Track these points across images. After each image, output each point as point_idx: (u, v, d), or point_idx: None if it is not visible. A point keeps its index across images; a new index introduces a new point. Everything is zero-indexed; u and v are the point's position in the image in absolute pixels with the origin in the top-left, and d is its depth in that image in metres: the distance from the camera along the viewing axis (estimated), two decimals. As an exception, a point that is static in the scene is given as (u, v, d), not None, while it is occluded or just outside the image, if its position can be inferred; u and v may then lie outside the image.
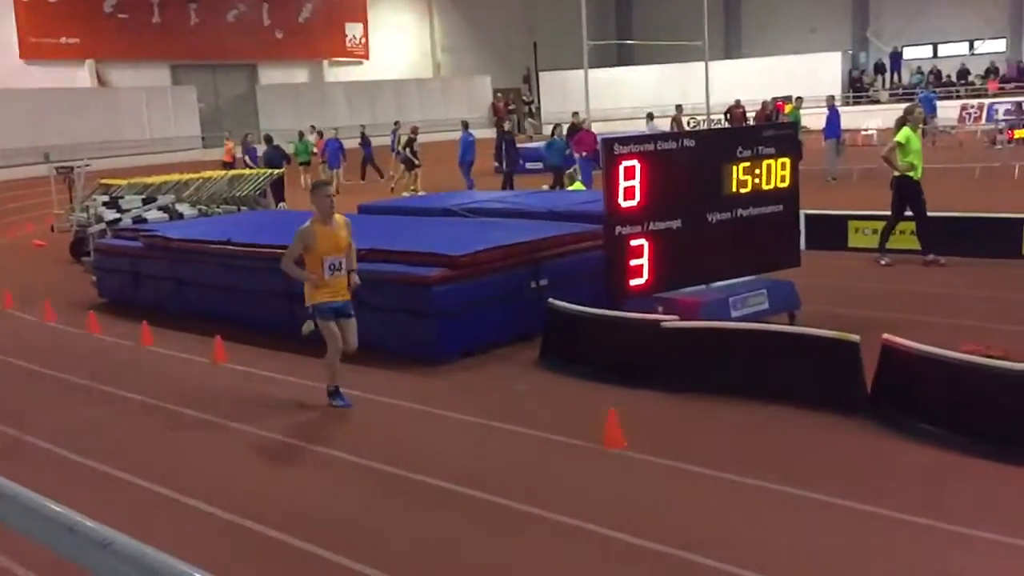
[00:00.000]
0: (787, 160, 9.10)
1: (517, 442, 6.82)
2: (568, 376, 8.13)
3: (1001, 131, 26.29)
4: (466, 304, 8.90)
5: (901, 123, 12.14)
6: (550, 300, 8.73)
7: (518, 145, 26.41)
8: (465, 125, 25.18)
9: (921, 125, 12.57)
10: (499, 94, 47.77)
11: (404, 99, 43.90)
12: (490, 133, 45.66)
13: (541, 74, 46.28)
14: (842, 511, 5.34)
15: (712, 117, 27.80)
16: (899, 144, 11.88)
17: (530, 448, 6.70)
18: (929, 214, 12.03)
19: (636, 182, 8.22)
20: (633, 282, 8.32)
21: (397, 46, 47.04)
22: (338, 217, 7.60)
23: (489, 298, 9.06)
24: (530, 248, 9.50)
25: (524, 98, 49.84)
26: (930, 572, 4.66)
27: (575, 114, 25.37)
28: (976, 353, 6.71)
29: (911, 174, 11.86)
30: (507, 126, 27.33)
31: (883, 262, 12.10)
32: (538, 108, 47.21)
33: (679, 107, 28.73)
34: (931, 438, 6.17)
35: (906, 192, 11.94)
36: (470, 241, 9.39)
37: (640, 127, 27.76)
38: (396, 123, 29.94)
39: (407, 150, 24.73)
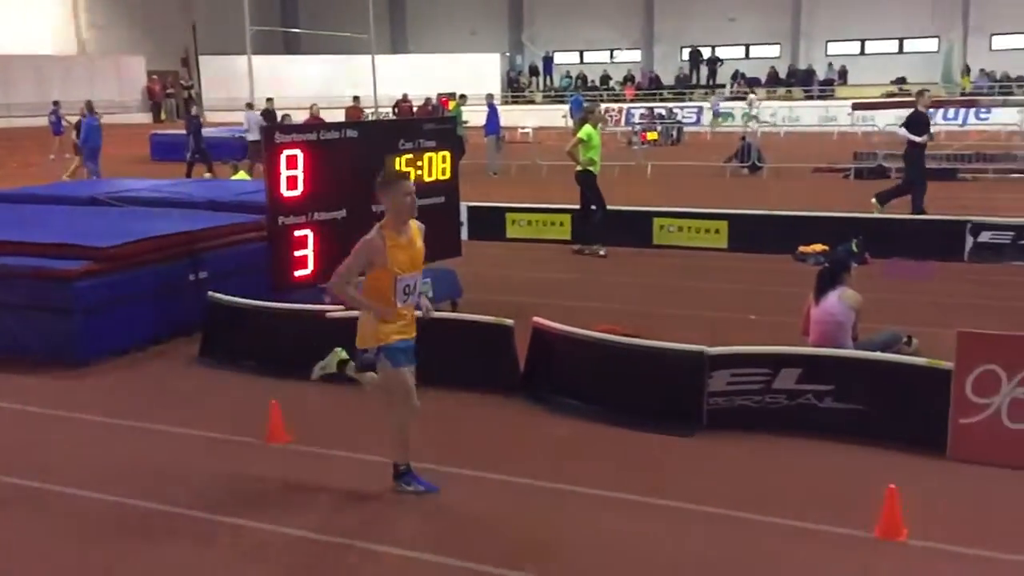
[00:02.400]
0: (447, 153, 9.42)
1: (170, 442, 6.45)
2: (232, 371, 7.86)
3: (636, 133, 29.16)
4: (115, 300, 8.26)
5: (582, 121, 13.22)
6: (211, 293, 8.37)
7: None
8: (90, 108, 22.76)
9: (600, 125, 13.73)
10: (154, 76, 44.75)
11: (44, 78, 39.63)
12: (144, 118, 42.49)
13: (202, 58, 44.04)
14: (494, 483, 5.66)
15: (381, 110, 28.14)
16: (581, 141, 12.85)
17: (186, 447, 6.37)
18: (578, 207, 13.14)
19: (299, 171, 8.09)
20: (298, 273, 8.19)
21: (34, 18, 42.36)
22: (412, 222, 5.45)
23: (142, 293, 8.50)
24: (188, 239, 9.02)
25: (183, 82, 47.13)
26: (574, 532, 5.08)
27: (269, 100, 24.53)
28: (610, 332, 7.40)
29: (591, 168, 12.86)
30: (195, 110, 25.60)
31: (601, 253, 12.85)
32: (199, 93, 44.87)
33: (356, 98, 28.73)
34: (576, 412, 6.72)
35: (584, 183, 12.97)
36: (119, 232, 8.73)
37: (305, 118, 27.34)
38: (55, 103, 26.91)
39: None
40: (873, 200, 14.56)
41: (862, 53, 42.00)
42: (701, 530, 5.07)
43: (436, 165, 9.28)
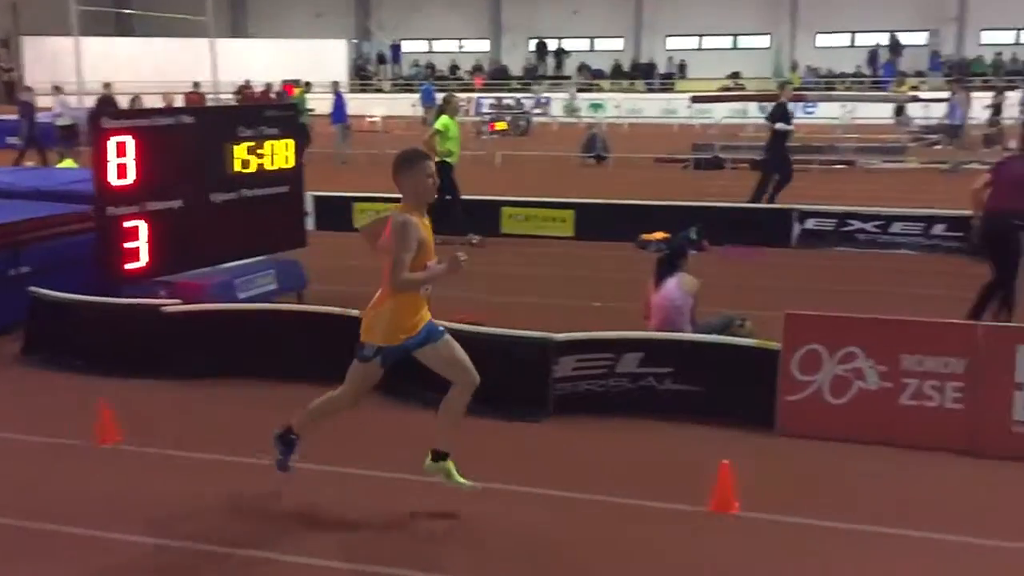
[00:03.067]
0: (290, 141, 9.19)
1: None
2: (58, 370, 7.40)
3: (485, 123, 29.33)
4: (-81, 296, 7.64)
5: (440, 112, 13.12)
6: (33, 288, 7.85)
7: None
8: None
9: (457, 115, 13.65)
10: (-30, 57, 41.66)
11: None
12: (-42, 102, 39.30)
13: (24, 39, 41.20)
14: (359, 479, 5.57)
15: (223, 97, 27.12)
16: (439, 131, 12.74)
17: (8, 452, 5.96)
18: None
19: (129, 159, 7.69)
20: (129, 266, 7.80)
21: None
22: None
23: (-47, 288, 7.89)
24: (6, 231, 8.43)
25: (2, 65, 43.99)
26: (415, 520, 5.06)
27: (107, 84, 23.16)
28: (463, 321, 7.41)
29: (449, 159, 12.76)
30: (26, 95, 23.80)
31: (474, 241, 12.72)
32: (20, 76, 41.95)
33: (196, 84, 27.58)
34: (426, 402, 6.67)
35: (442, 176, 12.84)
36: (-74, 223, 8.07)
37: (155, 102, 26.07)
38: None
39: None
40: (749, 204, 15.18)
41: (700, 48, 43.69)
42: (543, 512, 5.16)
43: (279, 153, 9.03)
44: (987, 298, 8.08)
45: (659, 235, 12.48)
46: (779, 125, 15.33)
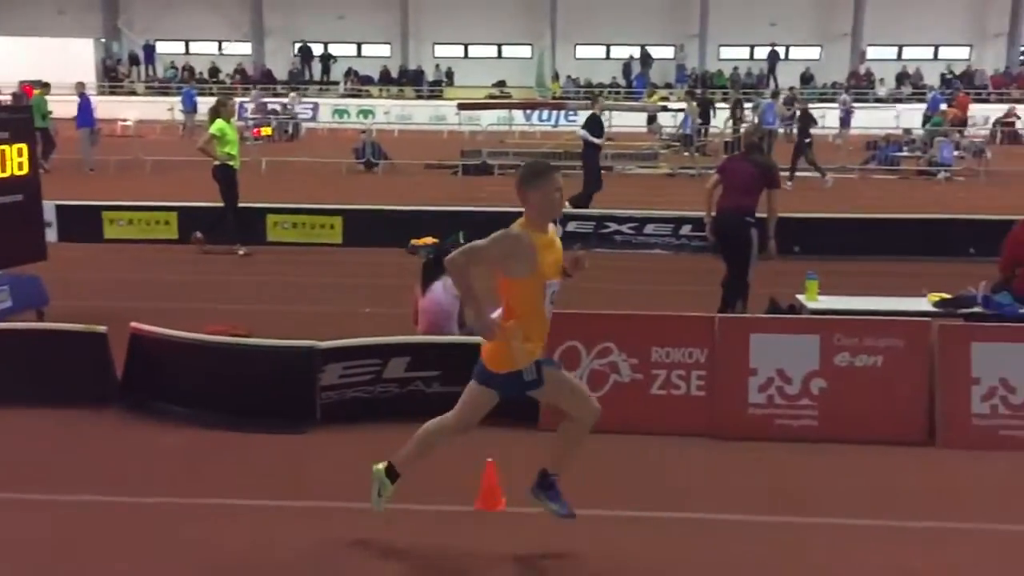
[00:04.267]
0: (24, 146, 8.46)
1: None
2: None
3: (249, 128, 28.35)
4: None
5: (215, 115, 12.43)
6: None
7: None
8: None
9: (233, 118, 13.03)
10: None
11: None
12: None
13: None
14: (99, 506, 5.20)
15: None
16: (215, 136, 12.17)
17: None
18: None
19: None
20: None
21: None
22: None
23: None
24: None
25: None
26: (179, 547, 4.80)
27: None
28: (221, 333, 7.13)
29: (231, 163, 12.23)
30: None
31: (241, 252, 12.23)
32: None
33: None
34: (187, 419, 6.37)
35: (224, 179, 12.30)
36: None
37: None
38: None
39: None
40: (567, 204, 15.48)
41: (466, 56, 44.49)
42: (311, 525, 5.05)
43: (11, 160, 8.30)
44: (733, 293, 8.76)
45: (429, 240, 12.58)
46: (582, 133, 16.35)
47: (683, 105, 27.01)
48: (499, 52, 44.47)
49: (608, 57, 43.55)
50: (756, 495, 5.56)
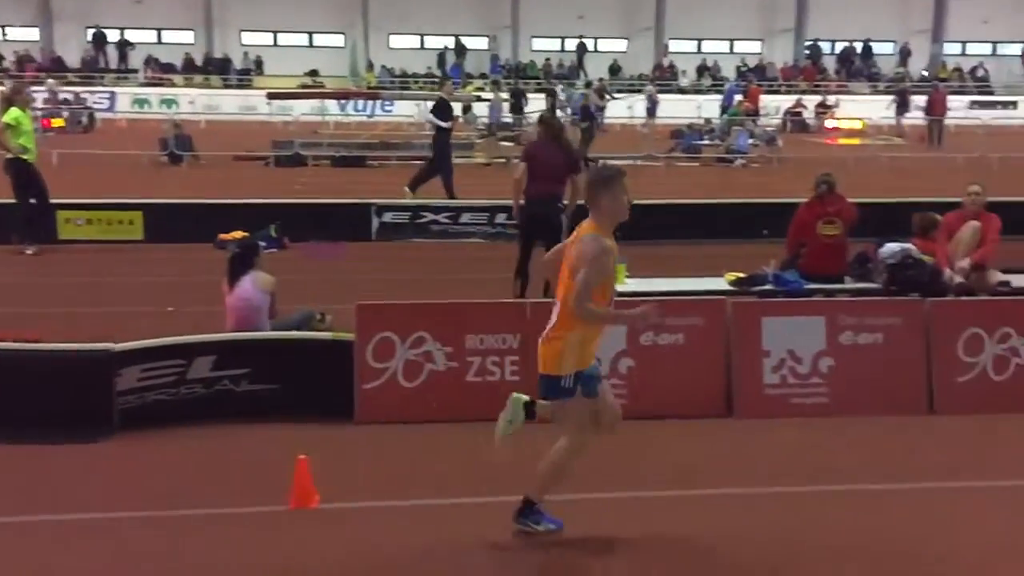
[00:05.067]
0: None
1: None
2: None
3: (37, 118, 26.35)
4: None
5: (8, 103, 11.40)
6: None
7: None
8: None
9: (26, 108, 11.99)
10: None
11: None
12: None
13: None
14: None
15: None
16: (9, 125, 11.23)
17: None
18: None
19: None
20: None
21: None
22: None
23: None
24: None
25: None
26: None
27: None
28: (7, 339, 6.59)
29: (26, 156, 11.35)
30: None
31: (29, 251, 11.38)
32: None
33: None
34: None
35: (23, 174, 11.39)
36: None
37: None
38: None
39: None
40: (405, 188, 15.09)
41: (276, 44, 43.15)
42: (99, 540, 4.76)
43: None
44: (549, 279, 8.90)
45: (238, 234, 12.11)
46: (430, 117, 16.03)
47: (503, 95, 27.35)
48: (310, 41, 43.43)
49: (423, 47, 43.43)
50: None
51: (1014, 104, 37.43)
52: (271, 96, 28.37)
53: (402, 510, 5.14)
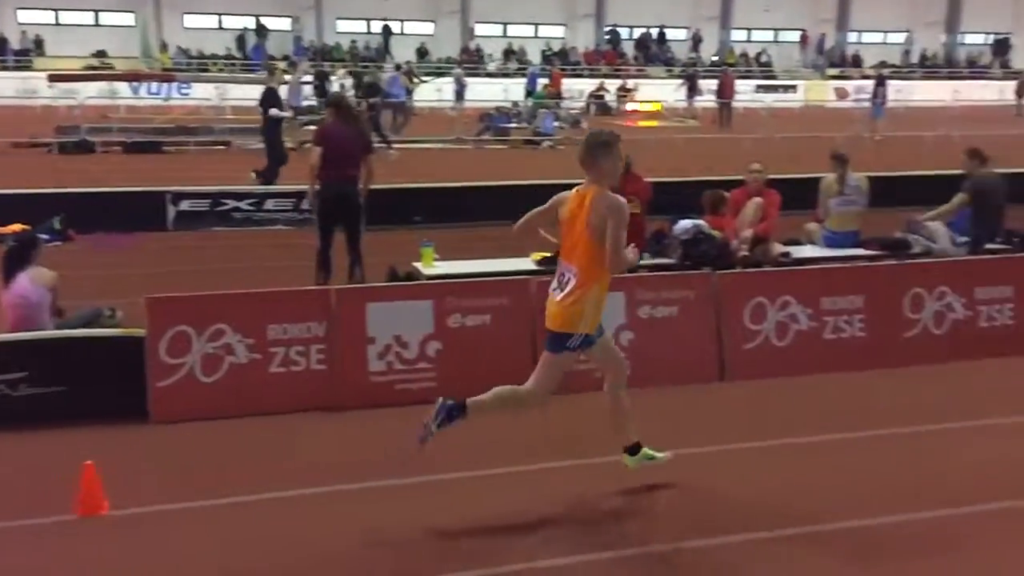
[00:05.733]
0: None
1: None
2: None
3: None
4: None
5: None
6: None
7: None
8: None
9: None
10: None
11: None
12: None
13: None
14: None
15: None
16: None
17: None
18: None
19: None
20: None
21: None
22: None
23: None
24: None
25: None
26: None
27: None
28: None
29: None
30: None
31: None
32: None
33: None
34: None
35: None
36: None
37: None
38: None
39: None
40: (252, 174, 14.41)
41: (57, 23, 40.11)
42: None
43: None
44: (353, 263, 8.74)
45: (16, 227, 11.20)
46: (272, 111, 14.99)
47: (308, 78, 26.58)
48: (96, 19, 40.65)
49: (221, 27, 41.61)
50: (384, 463, 5.61)
51: (794, 88, 40.20)
52: (53, 78, 26.37)
53: (197, 512, 4.92)
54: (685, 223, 8.90)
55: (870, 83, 26.72)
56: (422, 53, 41.26)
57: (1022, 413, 6.44)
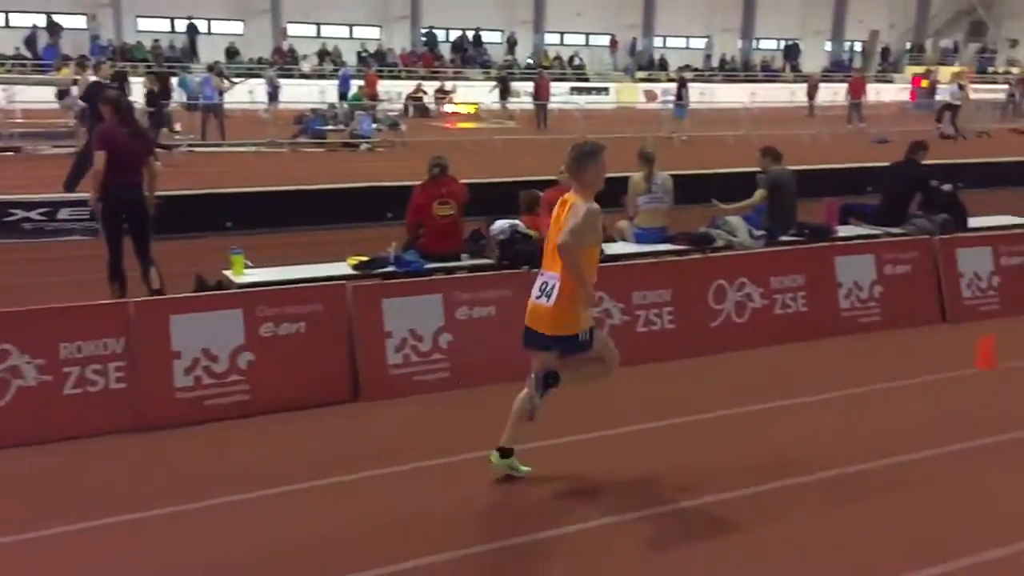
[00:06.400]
0: None
1: None
2: None
3: None
4: None
5: None
6: None
7: None
8: None
9: None
10: None
11: None
12: None
13: None
14: None
15: None
16: None
17: None
18: None
19: None
20: None
21: None
22: None
23: None
24: None
25: None
26: None
27: None
28: None
29: None
30: None
31: None
32: None
33: None
34: None
35: None
36: None
37: None
38: None
39: None
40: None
41: None
42: None
43: None
44: (146, 270, 8.24)
45: None
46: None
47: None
48: None
49: (8, 26, 38.64)
50: (197, 482, 5.32)
51: (606, 90, 41.58)
52: None
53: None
54: (502, 223, 8.95)
55: (675, 86, 27.93)
56: (232, 53, 39.83)
57: (826, 391, 6.90)
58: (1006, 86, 37.62)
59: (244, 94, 29.16)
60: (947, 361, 7.56)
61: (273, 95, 29.13)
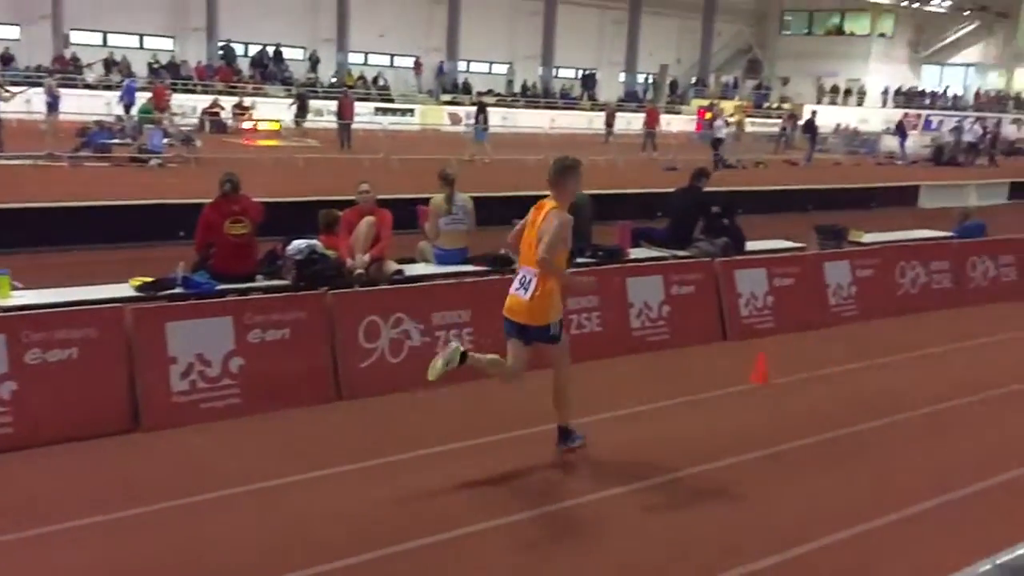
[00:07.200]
0: None
1: None
2: None
3: None
4: None
5: None
6: None
7: None
8: None
9: None
10: None
11: None
12: None
13: None
14: None
15: None
16: None
17: None
18: None
19: None
20: None
21: None
22: None
23: None
24: None
25: None
26: None
27: None
28: None
29: None
30: None
31: None
32: None
33: None
34: None
35: None
36: None
37: None
38: None
39: None
40: None
41: None
42: None
43: None
44: None
45: None
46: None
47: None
48: None
49: None
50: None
51: (412, 111, 41.64)
52: None
53: None
54: (299, 243, 8.71)
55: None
56: (6, 59, 36.89)
57: (642, 403, 7.19)
58: (779, 120, 40.80)
59: (21, 103, 27.09)
60: (726, 377, 8.01)
61: (53, 105, 27.17)
